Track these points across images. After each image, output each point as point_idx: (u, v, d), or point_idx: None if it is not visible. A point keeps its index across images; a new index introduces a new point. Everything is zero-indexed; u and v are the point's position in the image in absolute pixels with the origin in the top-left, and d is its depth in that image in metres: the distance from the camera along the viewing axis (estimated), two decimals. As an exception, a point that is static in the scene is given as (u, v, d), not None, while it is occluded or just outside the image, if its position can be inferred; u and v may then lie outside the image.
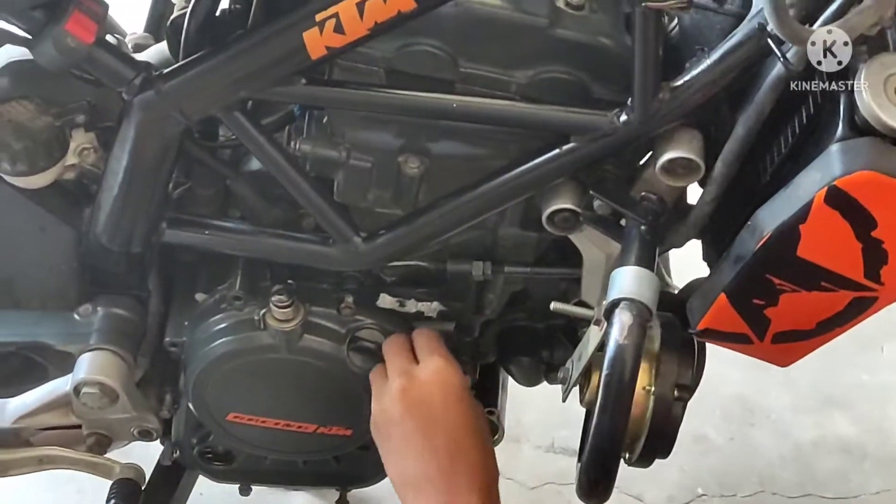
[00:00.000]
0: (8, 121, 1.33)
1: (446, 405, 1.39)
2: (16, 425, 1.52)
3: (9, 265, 1.50)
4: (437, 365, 1.40)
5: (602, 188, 1.33)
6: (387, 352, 1.45)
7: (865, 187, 1.12)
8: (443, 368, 1.40)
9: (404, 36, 1.25)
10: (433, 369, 1.40)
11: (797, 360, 1.35)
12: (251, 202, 1.42)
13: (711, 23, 1.25)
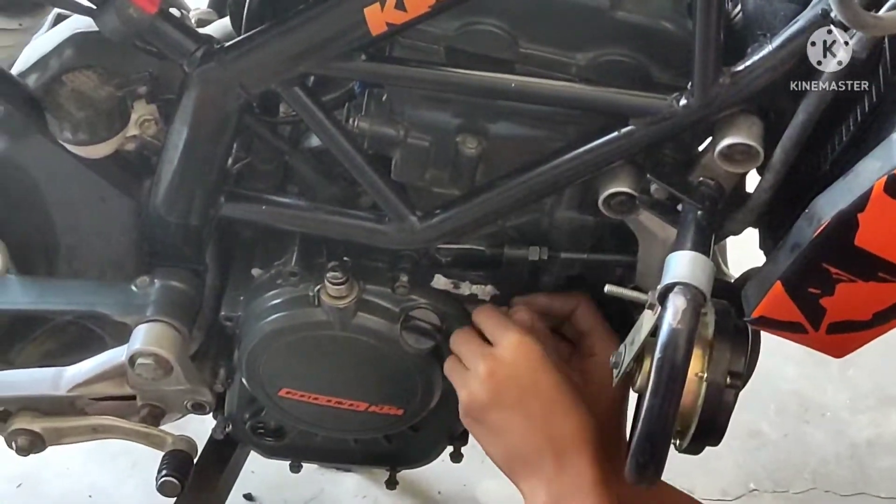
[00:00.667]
0: (71, 90, 1.35)
1: (535, 376, 1.39)
2: (71, 394, 1.53)
3: (69, 234, 1.52)
4: (513, 339, 1.40)
5: (660, 172, 1.32)
6: (456, 342, 1.45)
7: (927, 177, 1.12)
8: (519, 342, 1.40)
9: (465, 14, 1.26)
10: (511, 344, 1.40)
11: (852, 351, 1.33)
12: (309, 178, 1.43)
13: (775, 8, 1.25)
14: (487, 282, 1.49)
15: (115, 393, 1.55)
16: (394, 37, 1.25)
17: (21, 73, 1.40)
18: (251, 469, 1.80)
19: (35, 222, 1.51)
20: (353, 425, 1.60)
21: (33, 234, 1.52)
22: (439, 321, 1.47)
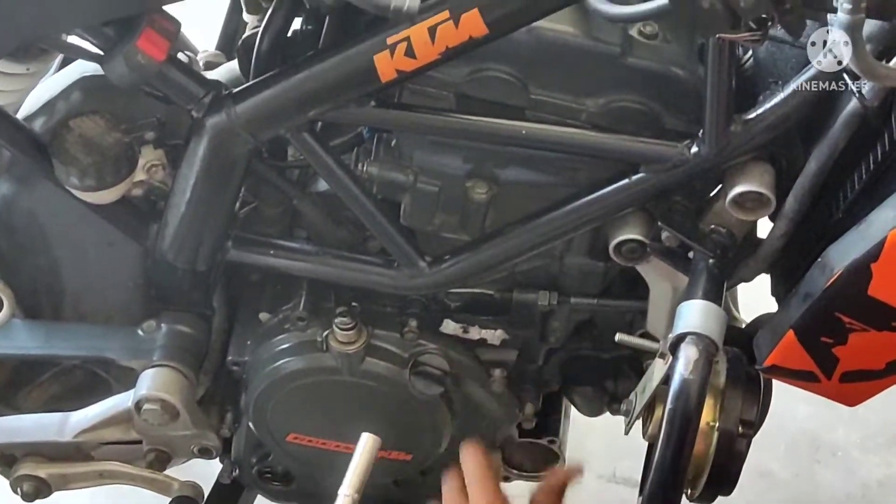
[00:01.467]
0: (78, 135, 1.34)
1: None
2: (77, 439, 1.52)
3: (76, 279, 1.51)
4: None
5: (670, 220, 1.32)
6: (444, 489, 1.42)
7: (943, 226, 1.11)
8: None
9: (475, 61, 1.26)
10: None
11: (865, 399, 1.33)
12: (317, 223, 1.43)
13: (786, 56, 1.25)
14: (497, 326, 1.48)
15: (121, 438, 1.54)
16: (403, 83, 1.25)
17: (27, 118, 1.40)
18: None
19: (42, 266, 1.50)
20: (363, 470, 1.59)
21: (40, 279, 1.51)
22: (448, 366, 1.46)
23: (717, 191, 1.30)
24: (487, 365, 1.49)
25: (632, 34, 1.26)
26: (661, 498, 1.29)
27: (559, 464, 1.63)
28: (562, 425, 1.63)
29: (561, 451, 1.62)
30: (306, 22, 1.31)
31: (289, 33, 1.31)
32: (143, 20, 1.24)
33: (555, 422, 1.61)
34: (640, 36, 1.26)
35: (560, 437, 1.61)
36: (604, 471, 2.17)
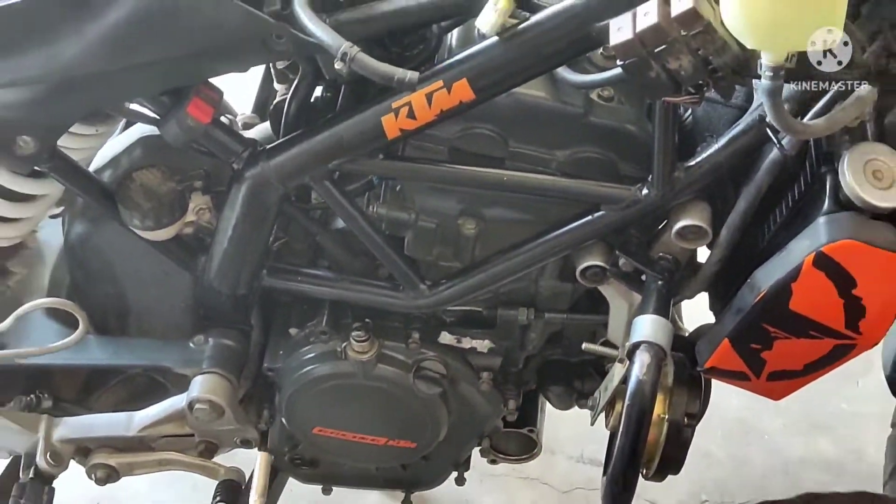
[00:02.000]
0: (140, 185, 1.35)
1: None
2: (141, 433, 1.53)
3: (138, 302, 1.51)
4: None
5: (626, 249, 1.32)
6: None
7: (848, 253, 1.12)
8: None
9: (464, 121, 1.26)
10: None
11: (787, 395, 1.33)
12: (336, 254, 1.42)
13: (719, 114, 1.25)
14: (485, 337, 1.47)
15: (176, 432, 1.54)
16: (406, 139, 1.24)
17: (97, 170, 1.40)
18: (290, 489, 1.78)
19: (110, 292, 1.50)
20: (375, 456, 1.58)
21: (108, 302, 1.51)
22: (445, 371, 1.46)
23: (664, 225, 1.30)
24: (477, 369, 1.48)
25: (592, 97, 1.26)
26: (621, 477, 1.29)
27: (537, 449, 1.62)
28: (539, 417, 1.62)
29: (538, 438, 1.62)
30: (326, 90, 1.31)
31: (311, 99, 1.31)
32: (191, 90, 1.24)
33: (533, 414, 1.61)
34: (599, 99, 1.26)
35: (537, 426, 1.61)
36: (574, 453, 2.17)
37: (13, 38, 1.18)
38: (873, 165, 1.13)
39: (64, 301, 1.48)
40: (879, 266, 1.12)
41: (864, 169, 1.12)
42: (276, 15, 1.16)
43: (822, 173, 1.16)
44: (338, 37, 1.11)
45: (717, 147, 1.21)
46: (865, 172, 1.12)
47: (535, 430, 1.60)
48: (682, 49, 1.02)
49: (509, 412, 1.55)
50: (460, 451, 1.62)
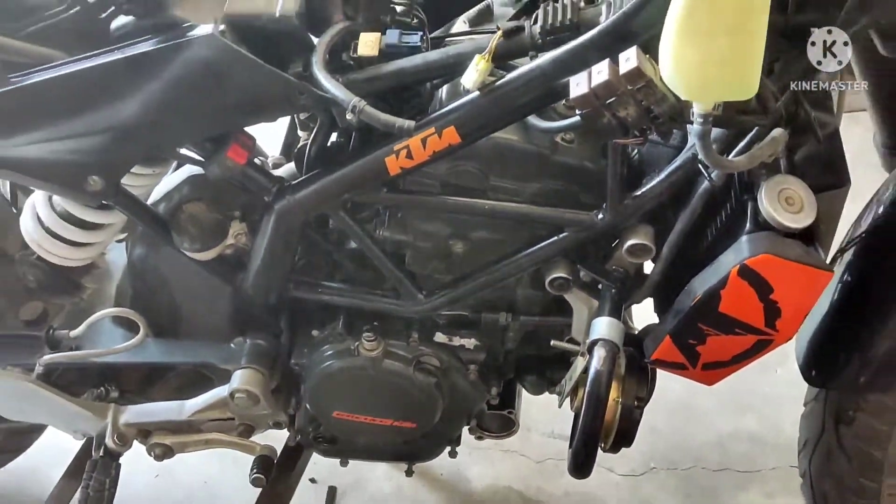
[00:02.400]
0: (188, 215, 1.35)
1: None
2: (191, 418, 1.53)
3: (188, 311, 1.51)
4: None
5: (585, 263, 1.33)
6: None
7: (766, 265, 1.12)
8: None
9: (453, 160, 1.26)
10: None
11: (718, 381, 1.33)
12: (349, 270, 1.42)
13: (660, 152, 1.25)
14: (471, 336, 1.46)
15: (220, 416, 1.54)
16: (405, 176, 1.24)
17: (154, 203, 1.39)
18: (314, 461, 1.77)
19: (164, 303, 1.51)
20: (383, 435, 1.57)
21: (164, 311, 1.51)
22: (440, 364, 1.46)
23: (616, 243, 1.30)
24: (465, 362, 1.48)
25: (557, 140, 1.25)
26: (583, 449, 1.30)
27: (515, 427, 1.62)
28: (516, 401, 1.61)
29: (516, 418, 1.61)
30: (339, 136, 1.31)
31: (328, 144, 1.31)
32: (230, 137, 1.25)
33: (512, 399, 1.60)
34: (562, 141, 1.26)
35: (515, 408, 1.60)
36: (546, 430, 2.17)
37: (86, 97, 1.19)
38: (785, 193, 1.13)
39: (127, 310, 1.48)
40: (792, 275, 1.13)
41: (778, 196, 1.13)
42: (298, 76, 1.17)
43: (744, 200, 1.17)
44: (349, 93, 1.12)
45: (659, 179, 1.21)
46: (779, 199, 1.13)
47: (513, 411, 1.59)
48: (628, 100, 1.03)
49: (492, 397, 1.55)
50: (452, 429, 1.62)
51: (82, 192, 1.27)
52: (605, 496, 2.09)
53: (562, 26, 1.12)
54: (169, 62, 1.15)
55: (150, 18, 1.16)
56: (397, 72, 1.18)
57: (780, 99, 1.08)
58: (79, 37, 1.18)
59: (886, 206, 1.39)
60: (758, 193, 1.14)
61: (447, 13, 1.35)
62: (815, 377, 1.46)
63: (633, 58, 1.01)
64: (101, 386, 1.57)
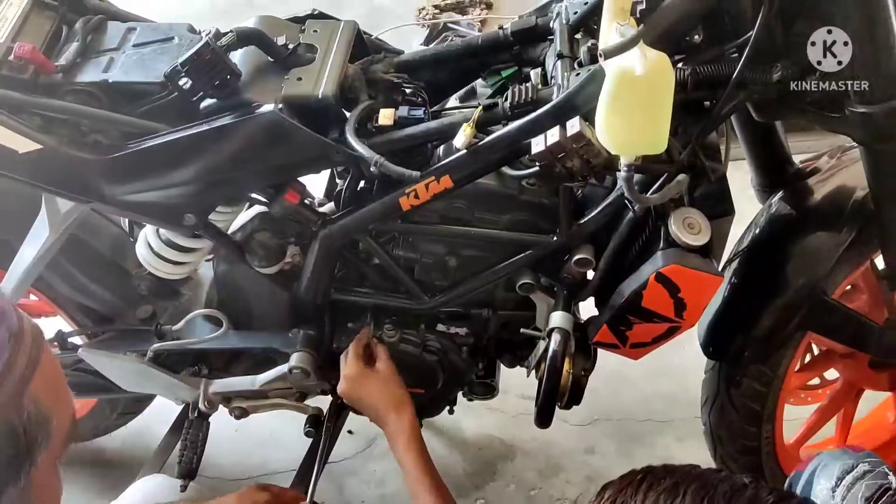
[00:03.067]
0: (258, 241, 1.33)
1: (367, 375, 1.38)
2: (261, 388, 1.51)
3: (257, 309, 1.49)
4: (352, 362, 1.39)
5: (545, 272, 1.32)
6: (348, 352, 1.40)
7: (674, 273, 1.13)
8: (354, 362, 1.38)
9: (448, 199, 1.25)
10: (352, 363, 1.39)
11: (643, 356, 1.33)
12: (374, 279, 1.41)
13: (599, 191, 1.25)
14: (463, 326, 1.45)
15: (281, 386, 1.52)
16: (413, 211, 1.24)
17: (233, 233, 1.38)
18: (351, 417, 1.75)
19: (241, 305, 1.49)
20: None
21: (241, 310, 1.49)
22: (441, 347, 1.44)
23: (567, 257, 1.29)
24: (459, 345, 1.47)
25: (523, 184, 1.24)
26: (546, 409, 1.29)
27: (496, 392, 1.61)
28: (496, 372, 1.60)
29: (496, 385, 1.60)
30: (366, 182, 1.30)
31: (358, 188, 1.31)
32: (287, 184, 1.24)
33: (493, 371, 1.59)
34: (527, 184, 1.25)
35: (496, 378, 1.59)
36: (520, 392, 2.14)
37: (183, 158, 1.19)
38: (688, 220, 1.14)
39: (214, 310, 1.47)
40: (693, 280, 1.13)
41: (683, 223, 1.14)
42: (335, 140, 1.17)
43: (658, 225, 1.17)
44: (372, 152, 1.12)
45: (597, 211, 1.21)
46: (683, 225, 1.13)
47: (494, 380, 1.58)
48: (574, 155, 1.04)
49: (479, 370, 1.55)
50: (451, 393, 1.60)
51: (181, 226, 1.27)
52: (561, 440, 2.07)
53: (525, 102, 1.12)
54: (242, 132, 1.16)
55: (228, 100, 1.15)
56: (407, 136, 1.18)
57: (683, 152, 1.09)
58: (177, 114, 1.18)
59: (761, 228, 1.40)
60: (668, 220, 1.14)
61: (443, 93, 1.35)
62: (712, 352, 1.46)
63: (576, 124, 1.02)
64: (195, 365, 1.56)
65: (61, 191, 1.20)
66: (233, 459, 2.00)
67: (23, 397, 0.65)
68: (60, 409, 0.71)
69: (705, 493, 0.71)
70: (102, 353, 1.48)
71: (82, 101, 1.15)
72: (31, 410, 0.66)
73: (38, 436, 0.67)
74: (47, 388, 0.69)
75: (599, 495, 0.79)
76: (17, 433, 0.65)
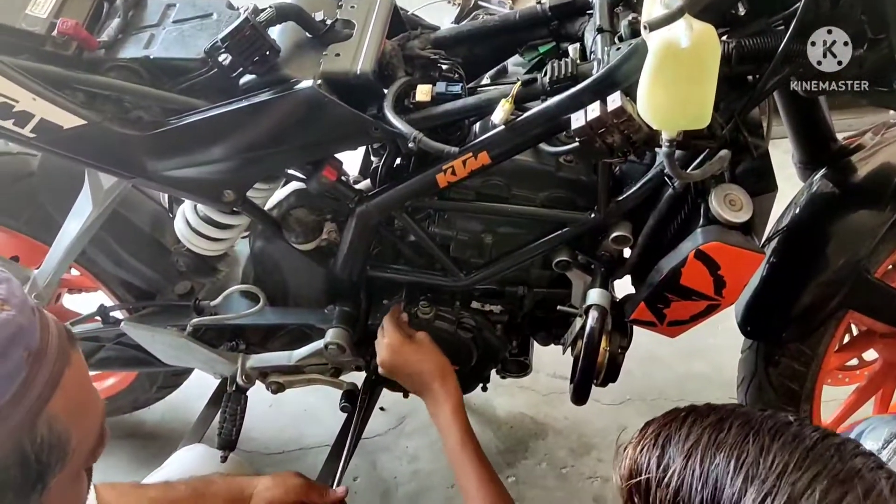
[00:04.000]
0: (295, 218, 1.35)
1: (406, 345, 1.38)
2: (297, 363, 1.53)
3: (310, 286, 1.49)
4: (391, 330, 1.39)
5: (582, 249, 1.32)
6: (384, 323, 1.41)
7: (714, 249, 1.11)
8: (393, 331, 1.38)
9: (484, 176, 1.25)
10: (391, 332, 1.39)
11: (679, 334, 1.32)
12: (409, 255, 1.41)
13: (637, 168, 1.24)
14: (498, 304, 1.45)
15: (317, 362, 1.54)
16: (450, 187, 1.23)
17: (269, 209, 1.38)
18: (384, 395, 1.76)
19: (278, 281, 1.50)
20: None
21: (277, 287, 1.51)
22: (475, 324, 1.45)
23: (604, 234, 1.29)
24: (493, 322, 1.47)
25: (560, 160, 1.24)
26: (583, 386, 1.29)
27: (529, 369, 1.61)
28: (530, 350, 1.60)
29: (530, 363, 1.59)
30: (402, 159, 1.30)
31: (394, 165, 1.30)
32: (325, 161, 1.25)
33: (526, 349, 1.58)
34: (564, 161, 1.25)
35: (529, 356, 1.59)
36: (552, 371, 2.15)
37: (223, 134, 1.19)
38: (729, 197, 1.12)
39: (251, 286, 1.48)
40: (734, 257, 1.12)
41: (724, 199, 1.12)
42: (374, 116, 1.17)
43: (698, 202, 1.16)
44: (410, 128, 1.12)
45: (636, 188, 1.20)
46: (725, 201, 1.12)
47: (528, 358, 1.58)
48: (614, 131, 1.02)
49: (512, 348, 1.54)
50: (484, 371, 1.60)
51: (219, 202, 1.28)
52: (594, 419, 2.07)
53: (565, 78, 1.11)
54: (281, 108, 1.16)
55: (267, 76, 1.16)
56: (445, 112, 1.17)
57: (725, 128, 1.07)
58: (216, 90, 1.19)
59: (801, 206, 1.37)
60: (709, 197, 1.13)
61: (480, 69, 1.34)
62: (751, 332, 1.45)
63: (617, 99, 1.01)
64: (233, 340, 1.57)
65: (104, 166, 1.21)
66: (268, 434, 2.03)
67: (37, 420, 0.62)
68: (82, 425, 0.67)
69: (750, 429, 0.71)
70: (144, 327, 1.50)
71: (124, 78, 1.16)
72: (44, 434, 0.63)
73: (52, 460, 0.64)
74: (68, 405, 0.65)
75: (642, 431, 0.78)
76: (28, 461, 0.62)
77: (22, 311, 0.63)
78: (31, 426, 0.61)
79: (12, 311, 0.62)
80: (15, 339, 0.61)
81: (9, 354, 0.60)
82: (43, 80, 1.09)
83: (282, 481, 1.26)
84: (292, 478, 1.28)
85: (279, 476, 1.28)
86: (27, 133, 1.11)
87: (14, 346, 0.61)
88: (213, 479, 1.23)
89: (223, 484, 1.22)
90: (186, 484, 1.18)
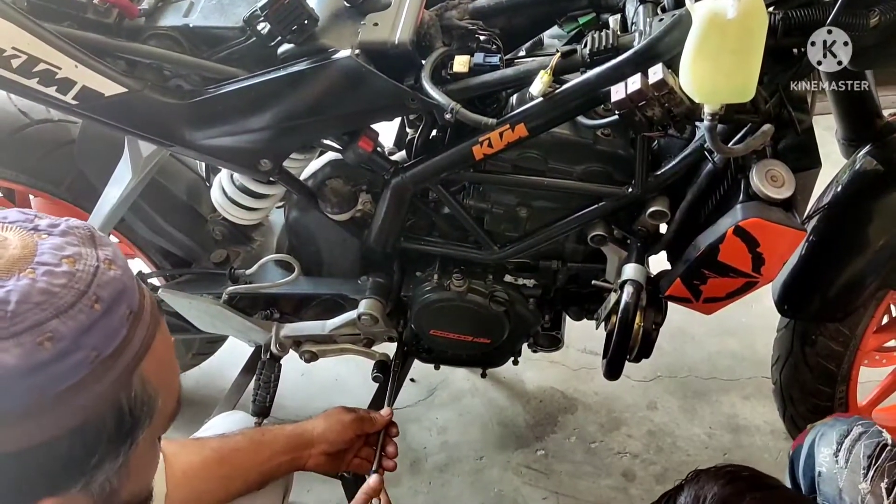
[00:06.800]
0: (330, 188, 1.36)
1: None
2: (330, 333, 1.54)
3: (328, 256, 1.51)
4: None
5: (619, 223, 1.31)
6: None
7: (754, 226, 1.10)
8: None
9: (521, 148, 1.24)
10: None
11: (715, 311, 1.31)
12: (444, 228, 1.42)
13: (676, 142, 1.23)
14: (531, 278, 1.45)
15: (350, 332, 1.55)
16: (486, 160, 1.23)
17: (305, 179, 1.39)
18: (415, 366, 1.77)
19: (312, 250, 1.51)
20: (466, 347, 1.56)
21: (311, 257, 1.52)
22: (508, 297, 1.44)
23: (641, 209, 1.28)
24: (526, 296, 1.47)
25: (598, 133, 1.23)
26: (616, 359, 1.28)
27: (561, 344, 1.60)
28: (563, 325, 1.60)
29: (562, 337, 1.59)
30: (439, 131, 1.30)
31: (430, 136, 1.30)
32: (361, 131, 1.25)
33: (559, 323, 1.58)
34: (601, 134, 1.24)
35: (561, 330, 1.59)
36: (582, 346, 2.16)
37: (260, 103, 1.19)
38: (771, 173, 1.11)
39: (286, 256, 1.50)
40: (774, 234, 1.10)
41: (765, 175, 1.10)
42: (411, 87, 1.16)
43: (738, 178, 1.14)
44: (448, 99, 1.12)
45: (674, 162, 1.19)
46: (766, 177, 1.10)
47: (560, 332, 1.58)
48: (655, 104, 1.01)
49: (545, 322, 1.55)
50: (515, 345, 1.61)
51: (256, 171, 1.28)
52: (624, 395, 2.07)
53: (605, 49, 1.09)
54: (319, 77, 1.15)
55: (305, 45, 1.15)
56: (482, 84, 1.16)
57: (769, 102, 1.06)
58: (255, 59, 1.19)
59: (844, 184, 1.35)
60: (749, 173, 1.11)
61: (517, 40, 1.33)
62: (787, 310, 1.43)
63: (659, 72, 0.99)
64: (267, 309, 1.59)
65: (144, 134, 1.22)
66: (298, 403, 2.06)
67: (133, 376, 0.65)
68: (167, 389, 0.70)
69: None
70: (181, 294, 1.52)
71: (164, 46, 1.17)
72: (138, 391, 0.65)
73: (143, 415, 0.67)
74: (157, 368, 0.67)
75: None
76: (123, 412, 0.65)
77: (126, 272, 0.66)
78: (127, 381, 0.64)
79: (119, 271, 0.65)
80: (120, 297, 0.64)
81: (114, 311, 0.63)
82: (84, 47, 1.10)
83: (337, 420, 1.28)
84: (343, 413, 1.30)
85: (332, 416, 1.29)
86: (70, 100, 1.12)
87: (119, 304, 0.64)
88: (268, 428, 1.26)
89: (279, 431, 1.24)
90: (243, 434, 1.21)
